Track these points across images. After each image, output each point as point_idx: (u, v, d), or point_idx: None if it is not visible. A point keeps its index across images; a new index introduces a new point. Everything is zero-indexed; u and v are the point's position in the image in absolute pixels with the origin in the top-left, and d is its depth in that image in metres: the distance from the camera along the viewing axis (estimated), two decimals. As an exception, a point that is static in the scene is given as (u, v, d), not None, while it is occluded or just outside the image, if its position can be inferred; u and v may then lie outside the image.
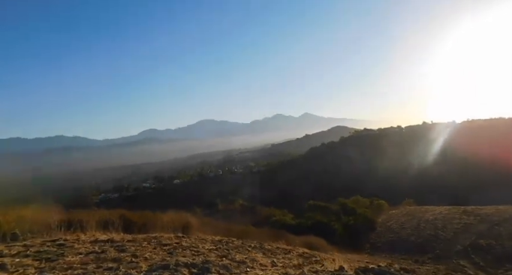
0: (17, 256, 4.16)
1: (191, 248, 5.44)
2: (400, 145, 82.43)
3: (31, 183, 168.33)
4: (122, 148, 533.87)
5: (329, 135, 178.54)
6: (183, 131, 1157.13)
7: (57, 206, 6.88)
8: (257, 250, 6.42)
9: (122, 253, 4.63)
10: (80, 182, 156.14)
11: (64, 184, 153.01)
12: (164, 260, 4.43)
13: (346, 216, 25.72)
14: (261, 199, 65.09)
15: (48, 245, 4.77)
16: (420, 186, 57.28)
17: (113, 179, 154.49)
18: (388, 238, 18.93)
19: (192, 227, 8.17)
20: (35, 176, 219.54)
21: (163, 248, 5.29)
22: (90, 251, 4.63)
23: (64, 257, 4.21)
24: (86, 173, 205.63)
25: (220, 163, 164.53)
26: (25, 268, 3.73)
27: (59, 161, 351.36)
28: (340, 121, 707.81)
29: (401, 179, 65.14)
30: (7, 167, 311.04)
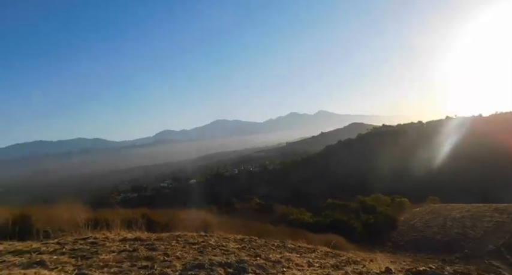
0: (54, 254, 4.25)
1: (220, 247, 5.36)
2: (421, 140, 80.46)
3: (54, 184, 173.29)
4: (139, 148, 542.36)
5: (345, 132, 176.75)
6: (198, 131, 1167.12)
7: (84, 205, 6.97)
8: (281, 249, 6.25)
9: (153, 252, 4.65)
10: (99, 182, 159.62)
11: (85, 184, 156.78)
12: (196, 259, 4.41)
13: (366, 214, 25.20)
14: (276, 198, 64.67)
15: (81, 243, 4.84)
16: (444, 183, 55.72)
17: (131, 179, 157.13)
18: (411, 236, 18.34)
19: (212, 226, 8.06)
20: (58, 177, 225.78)
21: (192, 247, 5.25)
22: (122, 249, 4.68)
23: (98, 255, 4.27)
24: (105, 174, 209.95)
25: (235, 162, 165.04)
26: (63, 265, 3.80)
27: (80, 163, 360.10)
28: (357, 118, 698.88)
29: (422, 176, 63.61)
30: (32, 169, 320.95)
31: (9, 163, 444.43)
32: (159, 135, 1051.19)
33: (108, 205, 28.27)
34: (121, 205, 40.50)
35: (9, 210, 6.03)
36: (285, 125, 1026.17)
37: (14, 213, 5.64)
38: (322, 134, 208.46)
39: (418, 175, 65.88)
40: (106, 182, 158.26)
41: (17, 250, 4.29)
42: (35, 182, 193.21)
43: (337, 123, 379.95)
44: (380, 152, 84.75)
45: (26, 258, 3.92)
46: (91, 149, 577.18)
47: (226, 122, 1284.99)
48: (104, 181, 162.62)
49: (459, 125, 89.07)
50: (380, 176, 69.29)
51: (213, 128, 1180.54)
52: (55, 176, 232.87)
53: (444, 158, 69.84)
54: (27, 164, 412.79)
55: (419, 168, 68.36)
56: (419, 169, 67.87)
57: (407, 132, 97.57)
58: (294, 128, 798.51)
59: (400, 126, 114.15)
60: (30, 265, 3.67)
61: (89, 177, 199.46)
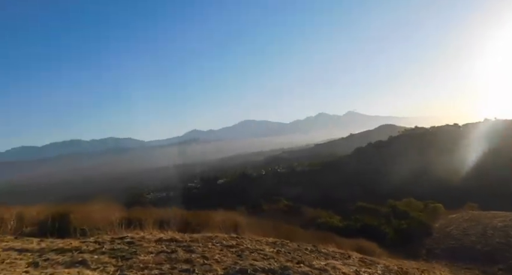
0: (94, 253, 4.31)
1: (258, 251, 5.28)
2: (456, 144, 76.90)
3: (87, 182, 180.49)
4: (168, 148, 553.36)
5: (375, 134, 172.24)
6: (225, 131, 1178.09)
7: (118, 204, 7.13)
8: (315, 254, 6.07)
9: (191, 254, 4.66)
10: (129, 181, 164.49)
11: (115, 183, 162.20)
12: (237, 263, 4.36)
13: (398, 219, 24.39)
14: (304, 200, 63.92)
15: (119, 243, 4.89)
16: (481, 189, 52.89)
17: (160, 179, 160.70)
18: (448, 244, 17.52)
19: (242, 227, 7.99)
20: (90, 175, 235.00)
21: (229, 250, 5.24)
22: (160, 250, 4.69)
23: (137, 256, 4.30)
24: (134, 173, 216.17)
25: (262, 163, 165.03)
26: (105, 266, 3.83)
27: (111, 162, 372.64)
28: (387, 119, 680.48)
29: (458, 181, 60.79)
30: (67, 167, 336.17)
31: (46, 162, 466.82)
32: (187, 135, 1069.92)
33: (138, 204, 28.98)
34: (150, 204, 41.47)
35: (49, 207, 6.22)
36: (313, 125, 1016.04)
37: (53, 211, 5.82)
38: (352, 136, 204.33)
39: (452, 180, 63.07)
40: (136, 181, 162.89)
41: (59, 248, 4.36)
42: (69, 180, 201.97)
43: (366, 125, 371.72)
44: (412, 155, 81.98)
45: (68, 257, 3.97)
46: (122, 149, 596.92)
47: (254, 122, 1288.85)
48: (133, 180, 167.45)
49: (499, 128, 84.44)
50: (412, 180, 66.97)
51: (241, 128, 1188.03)
52: (88, 175, 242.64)
53: (482, 162, 66.48)
54: (62, 162, 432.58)
55: (454, 173, 65.46)
56: (454, 174, 64.99)
57: (442, 135, 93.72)
58: (323, 129, 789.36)
59: (434, 128, 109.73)
60: (73, 264, 3.72)
61: (119, 176, 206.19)
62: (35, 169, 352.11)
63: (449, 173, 64.72)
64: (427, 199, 34.05)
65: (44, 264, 3.62)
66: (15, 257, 3.82)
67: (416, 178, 67.21)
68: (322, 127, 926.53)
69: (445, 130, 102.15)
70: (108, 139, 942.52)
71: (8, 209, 5.58)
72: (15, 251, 4.02)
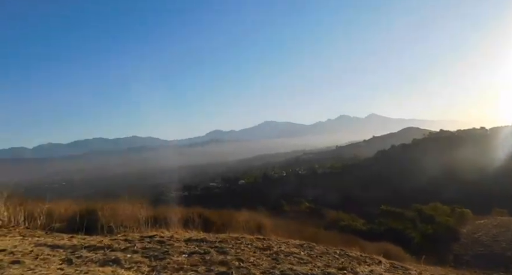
0: (126, 251, 4.28)
1: (294, 255, 5.13)
2: (483, 148, 74.26)
3: (110, 179, 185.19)
4: (190, 148, 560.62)
5: (398, 137, 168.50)
6: (246, 132, 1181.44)
7: (144, 202, 7.18)
8: (345, 258, 5.89)
9: (225, 256, 4.55)
10: (151, 180, 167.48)
11: (138, 181, 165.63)
12: (275, 267, 4.23)
13: (424, 224, 23.73)
14: (325, 202, 63.33)
15: (148, 241, 4.84)
16: (509, 194, 50.81)
17: (182, 178, 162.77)
18: (476, 251, 16.89)
19: (266, 228, 7.89)
20: (113, 173, 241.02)
21: (263, 252, 5.10)
22: (192, 251, 4.62)
23: (170, 256, 4.24)
24: (157, 172, 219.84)
25: (283, 164, 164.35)
26: (138, 265, 3.79)
27: (134, 160, 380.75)
28: (410, 122, 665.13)
29: (484, 186, 58.61)
30: (91, 165, 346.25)
31: (70, 159, 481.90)
32: (209, 135, 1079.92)
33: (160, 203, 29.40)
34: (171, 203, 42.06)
35: (77, 204, 6.34)
36: (335, 127, 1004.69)
37: (81, 207, 5.91)
38: (374, 138, 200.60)
39: (479, 184, 60.92)
40: (157, 179, 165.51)
41: (90, 245, 4.37)
42: (93, 177, 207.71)
43: (389, 127, 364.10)
44: (437, 158, 79.65)
45: (101, 254, 3.95)
46: (144, 147, 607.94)
47: (276, 123, 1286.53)
48: (155, 179, 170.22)
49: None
50: (437, 184, 65.07)
51: (262, 128, 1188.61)
52: (111, 172, 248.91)
53: (508, 167, 63.83)
54: (86, 160, 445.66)
55: (481, 177, 63.20)
56: (481, 178, 62.76)
57: (468, 139, 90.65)
58: (344, 131, 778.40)
59: (460, 131, 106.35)
60: (106, 263, 3.71)
61: (142, 174, 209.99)
62: (60, 166, 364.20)
63: (476, 178, 62.56)
64: (453, 203, 33.00)
65: (77, 261, 3.62)
66: (48, 253, 3.83)
67: (442, 182, 65.21)
68: (344, 129, 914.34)
69: (471, 134, 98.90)
70: (131, 138, 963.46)
71: (38, 205, 5.68)
72: (48, 247, 4.03)
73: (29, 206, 5.58)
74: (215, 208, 12.07)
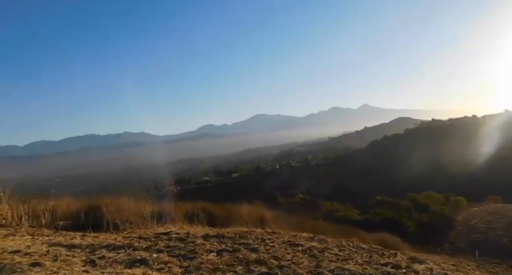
0: (150, 251, 4.05)
1: (328, 251, 4.98)
2: (475, 136, 75.22)
3: (103, 175, 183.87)
4: (182, 142, 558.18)
5: (391, 127, 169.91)
6: (239, 125, 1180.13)
7: (149, 197, 7.01)
8: (361, 251, 5.85)
9: (258, 254, 4.34)
10: (144, 175, 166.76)
11: (131, 176, 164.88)
12: (319, 266, 4.00)
13: (419, 213, 24.01)
14: (319, 193, 63.75)
15: (167, 239, 4.62)
16: (502, 181, 51.51)
17: (175, 172, 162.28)
18: (472, 238, 17.13)
19: (268, 221, 7.87)
20: (106, 169, 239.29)
21: (295, 249, 4.88)
22: (220, 248, 4.40)
23: (200, 255, 4.01)
24: (149, 167, 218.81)
25: (276, 157, 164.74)
26: (169, 266, 3.56)
27: (126, 156, 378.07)
28: (402, 112, 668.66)
29: (478, 174, 59.42)
30: (84, 161, 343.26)
31: (63, 156, 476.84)
32: (201, 129, 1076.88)
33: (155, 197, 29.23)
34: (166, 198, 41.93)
35: (79, 201, 6.17)
36: (327, 119, 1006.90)
37: (84, 204, 5.74)
38: (366, 129, 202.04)
39: (471, 172, 61.81)
40: (150, 174, 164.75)
41: (109, 244, 4.14)
42: (86, 173, 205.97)
43: (381, 118, 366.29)
44: (430, 147, 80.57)
45: (124, 254, 3.73)
46: (136, 143, 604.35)
47: (267, 116, 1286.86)
48: (148, 174, 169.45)
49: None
50: (430, 173, 65.82)
51: (254, 122, 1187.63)
52: (103, 168, 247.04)
53: (502, 154, 64.85)
54: (79, 156, 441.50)
55: (474, 165, 64.07)
56: (474, 166, 63.63)
57: (460, 127, 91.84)
58: (337, 123, 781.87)
59: (451, 120, 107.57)
60: (133, 263, 3.50)
61: (134, 169, 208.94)
62: (53, 163, 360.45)
63: (469, 166, 63.46)
64: (447, 191, 33.43)
65: (101, 263, 3.41)
66: (66, 254, 3.61)
67: (435, 171, 66.05)
68: (336, 121, 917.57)
69: (463, 122, 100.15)
70: (123, 134, 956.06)
71: (42, 202, 5.49)
72: (63, 247, 3.82)
73: (32, 204, 5.35)
74: (209, 202, 12.02)
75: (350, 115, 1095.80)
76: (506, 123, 79.48)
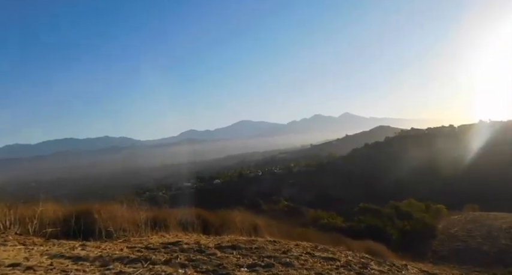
0: (172, 265, 3.58)
1: (369, 266, 4.80)
2: (453, 145, 77.54)
3: (82, 180, 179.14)
4: (164, 148, 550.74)
5: (371, 135, 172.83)
6: (221, 131, 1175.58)
7: (143, 204, 6.70)
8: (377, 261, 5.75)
9: (298, 271, 3.94)
10: (125, 180, 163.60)
11: (110, 181, 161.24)
12: None
13: (401, 220, 24.34)
14: (302, 200, 63.96)
15: (181, 250, 4.21)
16: (479, 190, 53.12)
17: (156, 178, 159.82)
18: (453, 246, 17.48)
19: (261, 229, 7.75)
20: (85, 174, 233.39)
21: (332, 264, 4.57)
22: (250, 263, 3.97)
23: (231, 271, 3.54)
24: (130, 172, 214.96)
25: (259, 163, 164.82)
26: None
27: (106, 160, 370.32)
28: (382, 121, 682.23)
29: (456, 182, 61.19)
30: (62, 165, 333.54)
31: (39, 159, 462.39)
32: (183, 135, 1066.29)
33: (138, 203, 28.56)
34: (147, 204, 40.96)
35: (66, 206, 5.81)
36: (309, 127, 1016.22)
37: (73, 210, 5.37)
38: (348, 137, 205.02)
39: (449, 180, 63.54)
40: (131, 180, 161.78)
41: (121, 256, 3.69)
42: (63, 178, 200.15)
43: (362, 126, 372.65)
44: (409, 156, 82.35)
45: (146, 270, 3.26)
46: (117, 148, 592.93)
47: (250, 123, 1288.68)
48: (128, 179, 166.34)
49: (493, 129, 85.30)
50: (409, 181, 67.23)
51: (237, 128, 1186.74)
52: (82, 173, 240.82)
53: (478, 163, 66.97)
54: (57, 160, 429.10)
55: (450, 173, 65.85)
56: (451, 174, 65.39)
57: (438, 136, 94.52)
58: (319, 130, 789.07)
59: (430, 129, 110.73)
60: None
61: (114, 175, 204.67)
62: (29, 167, 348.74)
63: (447, 174, 65.11)
64: (426, 199, 34.08)
65: None
66: (75, 268, 3.14)
67: (414, 178, 67.50)
68: (318, 128, 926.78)
69: (441, 131, 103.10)
70: (103, 138, 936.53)
71: (28, 208, 5.09)
72: (68, 259, 3.38)
73: (19, 210, 4.93)
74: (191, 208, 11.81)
75: (332, 123, 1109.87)
76: (481, 133, 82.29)
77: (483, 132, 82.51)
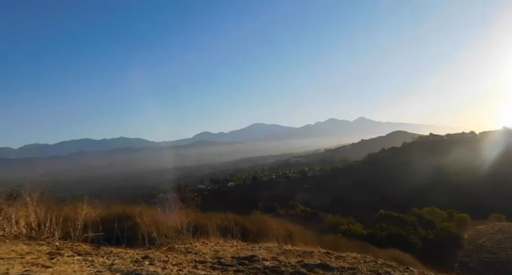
0: None
1: None
2: (473, 152, 75.43)
3: (97, 180, 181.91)
4: (178, 149, 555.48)
5: (387, 140, 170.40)
6: (235, 134, 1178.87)
7: (186, 208, 6.47)
8: None
9: None
10: (139, 181, 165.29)
11: (125, 182, 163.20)
12: None
13: (424, 229, 23.72)
14: (317, 205, 63.16)
15: (257, 267, 3.83)
16: (500, 198, 51.43)
17: (170, 179, 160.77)
18: (482, 258, 16.82)
19: (296, 236, 7.53)
20: (101, 174, 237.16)
21: None
22: None
23: None
24: (145, 173, 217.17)
25: (272, 167, 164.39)
26: None
27: (122, 161, 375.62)
28: (398, 126, 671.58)
29: (475, 191, 59.40)
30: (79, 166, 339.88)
31: (57, 159, 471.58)
32: (197, 137, 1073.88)
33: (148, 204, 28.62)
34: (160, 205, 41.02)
35: (103, 209, 5.66)
36: (324, 131, 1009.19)
37: (113, 212, 5.19)
38: (363, 142, 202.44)
39: (470, 188, 61.73)
40: (145, 181, 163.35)
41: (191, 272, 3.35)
42: (80, 178, 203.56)
43: (377, 131, 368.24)
44: (427, 162, 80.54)
45: None
46: (132, 149, 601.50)
47: (264, 126, 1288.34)
48: (142, 180, 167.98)
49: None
50: (426, 188, 65.59)
51: (251, 131, 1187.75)
52: (98, 173, 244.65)
53: (500, 171, 64.95)
54: (73, 160, 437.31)
55: (472, 181, 64.03)
56: (472, 182, 63.59)
57: (458, 143, 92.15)
58: (333, 135, 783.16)
59: (449, 136, 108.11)
60: None
61: (129, 175, 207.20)
62: (47, 167, 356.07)
63: (467, 181, 63.35)
64: (446, 207, 33.19)
65: None
66: None
67: (433, 185, 65.82)
68: (332, 133, 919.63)
69: (461, 138, 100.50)
70: (119, 139, 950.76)
71: (74, 210, 4.89)
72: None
73: (63, 212, 4.76)
74: (204, 210, 11.68)
75: (346, 127, 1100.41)
76: (504, 140, 79.78)
77: (506, 139, 79.92)
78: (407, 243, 19.95)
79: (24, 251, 3.64)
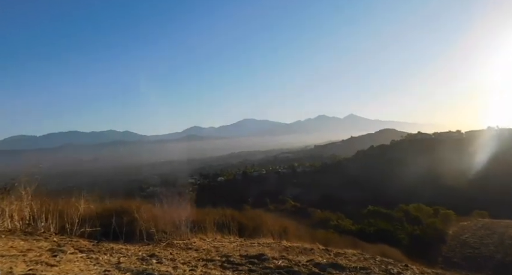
0: None
1: None
2: (459, 151, 76.85)
3: (85, 174, 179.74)
4: (167, 143, 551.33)
5: (376, 138, 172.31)
6: (225, 129, 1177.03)
7: (185, 204, 6.48)
8: None
9: None
10: (128, 174, 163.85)
11: (114, 175, 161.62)
12: None
13: (410, 225, 24.21)
14: (306, 200, 63.75)
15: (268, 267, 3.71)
16: (485, 196, 52.73)
17: (160, 173, 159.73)
18: (465, 253, 17.33)
19: (290, 232, 7.68)
20: (89, 167, 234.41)
21: None
22: None
23: None
24: (133, 167, 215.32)
25: (262, 162, 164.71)
26: None
27: (110, 154, 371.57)
28: (388, 124, 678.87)
29: (461, 189, 60.65)
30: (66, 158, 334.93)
31: (44, 152, 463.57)
32: (188, 131, 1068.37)
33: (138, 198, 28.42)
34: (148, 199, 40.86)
35: (100, 204, 5.65)
36: (314, 127, 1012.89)
37: (113, 208, 5.18)
38: (352, 139, 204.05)
39: (454, 186, 62.95)
40: (134, 175, 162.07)
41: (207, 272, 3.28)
42: (68, 171, 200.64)
43: (367, 128, 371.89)
44: (415, 160, 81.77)
45: None
46: (121, 142, 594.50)
47: (255, 121, 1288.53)
48: (131, 174, 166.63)
49: (502, 136, 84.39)
50: (414, 185, 66.71)
51: (241, 126, 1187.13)
52: (85, 167, 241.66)
53: (485, 169, 66.39)
54: (61, 153, 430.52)
55: (458, 179, 65.28)
56: (458, 180, 64.83)
57: (445, 141, 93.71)
58: (323, 131, 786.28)
59: (436, 134, 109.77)
60: None
61: (118, 169, 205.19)
62: (34, 159, 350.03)
63: (453, 179, 64.58)
64: (432, 204, 33.85)
65: None
66: None
67: (419, 183, 67.01)
68: (322, 129, 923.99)
69: (448, 137, 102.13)
70: (108, 132, 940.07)
71: (71, 204, 4.85)
72: None
73: (60, 206, 4.71)
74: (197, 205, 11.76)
75: (336, 124, 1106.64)
76: (490, 139, 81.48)
77: (491, 138, 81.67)
78: (395, 238, 20.40)
79: (24, 248, 3.56)
